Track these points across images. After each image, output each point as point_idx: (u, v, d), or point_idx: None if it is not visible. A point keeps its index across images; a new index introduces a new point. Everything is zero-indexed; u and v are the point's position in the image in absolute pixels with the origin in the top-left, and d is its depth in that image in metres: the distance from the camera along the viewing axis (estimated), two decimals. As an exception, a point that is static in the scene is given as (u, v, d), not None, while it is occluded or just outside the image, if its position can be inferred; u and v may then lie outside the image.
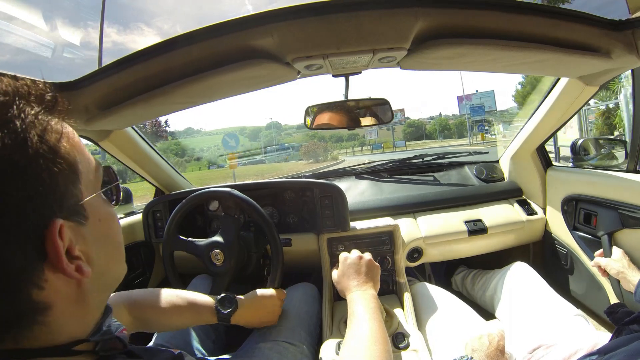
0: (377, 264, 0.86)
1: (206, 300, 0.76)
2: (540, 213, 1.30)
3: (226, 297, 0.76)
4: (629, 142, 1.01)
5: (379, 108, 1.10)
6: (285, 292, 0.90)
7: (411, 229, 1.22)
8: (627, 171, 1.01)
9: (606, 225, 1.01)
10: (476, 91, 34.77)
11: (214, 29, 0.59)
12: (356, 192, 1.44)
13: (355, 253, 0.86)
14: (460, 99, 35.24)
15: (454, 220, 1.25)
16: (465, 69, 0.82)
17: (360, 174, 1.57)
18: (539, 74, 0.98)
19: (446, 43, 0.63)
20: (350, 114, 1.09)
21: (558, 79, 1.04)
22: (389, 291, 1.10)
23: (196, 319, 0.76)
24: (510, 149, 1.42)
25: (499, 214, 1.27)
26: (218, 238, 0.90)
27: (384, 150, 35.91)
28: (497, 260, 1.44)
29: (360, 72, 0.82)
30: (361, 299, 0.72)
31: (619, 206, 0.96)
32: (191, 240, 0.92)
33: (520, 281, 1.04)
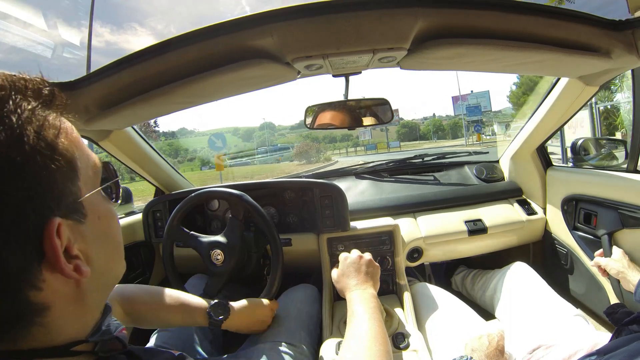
0: (377, 264, 0.86)
1: (199, 303, 0.76)
2: (540, 213, 1.30)
3: (219, 304, 0.76)
4: (629, 142, 1.01)
5: (379, 108, 1.10)
6: (277, 303, 0.90)
7: (411, 229, 1.22)
8: (627, 171, 1.01)
9: (606, 225, 1.01)
10: (471, 91, 34.21)
11: (214, 29, 0.59)
12: (356, 192, 1.44)
13: (355, 253, 0.86)
14: (455, 99, 34.52)
15: (454, 220, 1.25)
16: (465, 69, 0.82)
17: (360, 174, 1.57)
18: (539, 74, 0.99)
19: (446, 43, 0.63)
20: (350, 114, 1.09)
21: (558, 79, 1.04)
22: (389, 291, 1.10)
23: (187, 321, 0.76)
24: (510, 149, 1.42)
25: (499, 214, 1.27)
26: (221, 238, 0.89)
27: (378, 151, 35.55)
28: (497, 260, 1.44)
29: (360, 72, 0.82)
30: (361, 298, 0.71)
31: (619, 206, 0.96)
32: (194, 234, 0.91)
33: (520, 281, 1.04)
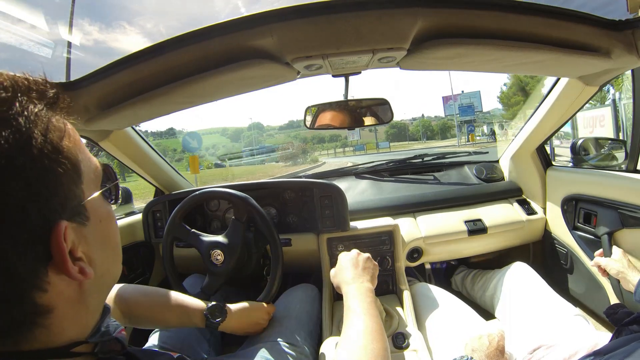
0: (375, 263, 0.85)
1: (197, 305, 0.76)
2: (540, 213, 1.30)
3: (216, 306, 0.76)
4: (629, 142, 1.01)
5: (379, 108, 1.10)
6: (274, 306, 0.90)
7: (411, 229, 1.22)
8: (627, 171, 1.01)
9: (606, 225, 1.01)
10: (462, 92, 33.41)
11: (214, 29, 0.59)
12: (356, 192, 1.45)
13: (354, 251, 0.86)
14: (445, 100, 33.68)
15: (454, 220, 1.25)
16: (465, 69, 0.82)
17: (360, 174, 1.57)
18: (539, 74, 0.99)
19: (446, 43, 0.63)
20: (350, 114, 1.09)
21: (558, 79, 1.04)
22: (389, 291, 1.10)
23: (185, 322, 0.76)
24: (510, 149, 1.42)
25: (499, 214, 1.27)
26: (222, 239, 0.89)
27: (367, 151, 34.95)
28: (497, 260, 1.44)
29: (360, 72, 0.82)
30: (357, 293, 0.70)
31: (619, 206, 0.96)
32: (195, 232, 0.91)
33: (520, 281, 1.04)
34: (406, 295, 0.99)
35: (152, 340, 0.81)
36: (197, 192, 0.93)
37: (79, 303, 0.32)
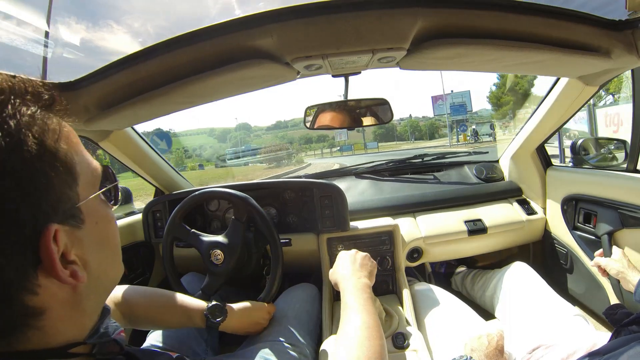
0: (374, 261, 0.84)
1: (197, 304, 0.76)
2: (540, 213, 1.30)
3: (217, 306, 0.76)
4: (629, 142, 1.01)
5: (379, 108, 1.10)
6: (274, 306, 0.90)
7: (411, 229, 1.22)
8: (627, 171, 1.01)
9: (606, 225, 1.01)
10: (451, 91, 31.53)
11: (214, 29, 0.59)
12: (356, 192, 1.45)
13: (352, 250, 0.86)
14: (435, 99, 32.69)
15: (454, 220, 1.25)
16: (464, 69, 0.82)
17: (360, 174, 1.57)
18: (539, 74, 0.98)
19: (446, 43, 0.63)
20: (350, 114, 1.09)
21: (558, 79, 1.04)
22: (389, 291, 1.10)
23: (185, 322, 0.76)
24: (510, 149, 1.42)
25: (499, 214, 1.27)
26: (222, 239, 0.89)
27: (355, 152, 34.11)
28: (497, 260, 1.44)
29: (359, 72, 0.82)
30: (354, 289, 0.70)
31: (619, 206, 0.96)
32: (195, 232, 0.91)
33: (520, 281, 1.04)
34: (406, 295, 0.99)
35: (150, 340, 0.81)
36: (197, 192, 0.94)
37: (74, 305, 0.32)
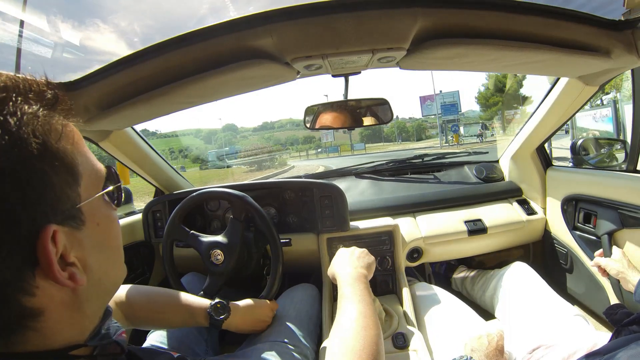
0: (373, 256, 0.84)
1: (200, 303, 0.76)
2: (540, 213, 1.30)
3: (220, 304, 0.76)
4: (629, 142, 1.01)
5: (379, 108, 1.10)
6: (277, 304, 0.89)
7: (411, 229, 1.22)
8: (627, 171, 1.01)
9: (606, 225, 1.01)
10: (440, 91, 30.15)
11: (214, 30, 0.59)
12: (356, 192, 1.45)
13: (352, 247, 0.85)
14: (423, 100, 31.12)
15: (454, 220, 1.25)
16: (464, 69, 0.82)
17: (360, 174, 1.57)
18: (539, 74, 0.98)
19: (446, 43, 0.63)
20: (350, 114, 1.09)
21: (558, 79, 1.04)
22: (389, 291, 1.10)
23: (188, 321, 0.76)
24: (510, 149, 1.42)
25: (499, 214, 1.27)
26: (222, 239, 0.89)
27: (341, 153, 33.34)
28: (497, 260, 1.44)
29: (359, 72, 0.82)
30: (350, 279, 0.69)
31: (619, 206, 0.96)
32: (194, 233, 0.91)
33: (520, 281, 1.04)
34: (406, 295, 0.99)
35: (150, 340, 0.81)
36: (195, 193, 0.94)
37: (75, 307, 0.31)
